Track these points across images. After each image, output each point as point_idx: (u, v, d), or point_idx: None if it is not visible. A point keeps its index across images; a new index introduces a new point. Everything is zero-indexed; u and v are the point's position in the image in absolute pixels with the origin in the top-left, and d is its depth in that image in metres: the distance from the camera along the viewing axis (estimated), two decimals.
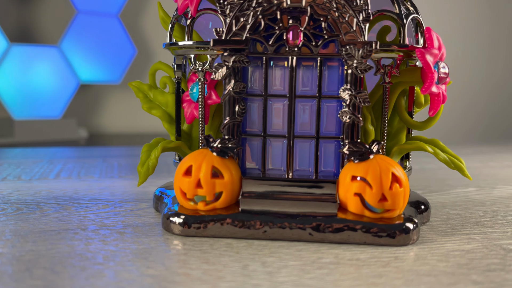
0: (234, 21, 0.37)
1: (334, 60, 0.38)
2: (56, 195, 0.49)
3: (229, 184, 0.37)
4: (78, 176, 0.59)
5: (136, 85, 0.47)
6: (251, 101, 0.39)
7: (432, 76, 0.37)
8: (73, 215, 0.42)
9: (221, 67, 0.37)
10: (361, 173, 0.36)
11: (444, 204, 0.49)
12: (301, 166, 0.40)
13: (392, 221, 0.36)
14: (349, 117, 0.37)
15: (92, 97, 1.42)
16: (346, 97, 0.37)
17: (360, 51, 0.36)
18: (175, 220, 0.37)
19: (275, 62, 0.39)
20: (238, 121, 0.38)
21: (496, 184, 0.60)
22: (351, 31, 0.36)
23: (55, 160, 0.71)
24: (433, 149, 0.40)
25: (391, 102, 0.41)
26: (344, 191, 0.37)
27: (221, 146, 0.38)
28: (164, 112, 0.45)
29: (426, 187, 0.57)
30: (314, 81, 0.38)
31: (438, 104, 0.39)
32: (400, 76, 0.40)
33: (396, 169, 0.36)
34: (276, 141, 0.39)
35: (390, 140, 0.43)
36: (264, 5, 0.37)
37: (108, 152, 0.82)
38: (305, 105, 0.39)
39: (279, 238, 0.36)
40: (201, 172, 0.36)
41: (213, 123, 0.44)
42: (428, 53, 0.37)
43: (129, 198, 0.48)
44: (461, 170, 0.40)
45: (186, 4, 0.39)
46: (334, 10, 0.36)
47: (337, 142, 0.39)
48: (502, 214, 0.45)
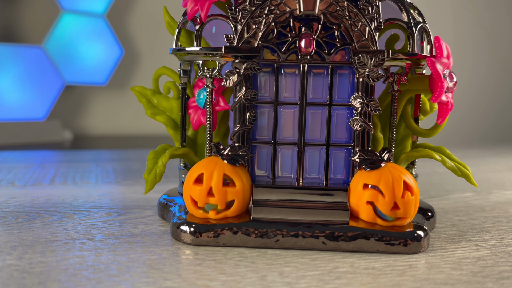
0: (246, 28, 0.37)
1: (345, 68, 0.38)
2: (55, 202, 0.48)
3: (240, 192, 0.36)
4: (74, 182, 0.58)
5: (139, 90, 0.46)
6: (261, 108, 0.39)
7: (442, 85, 0.38)
8: (77, 224, 0.41)
9: (232, 74, 0.37)
10: (373, 181, 0.36)
11: (446, 210, 0.49)
12: (311, 174, 0.40)
13: (404, 229, 0.36)
14: (360, 125, 0.37)
15: (77, 99, 1.39)
16: (357, 105, 0.37)
17: (372, 60, 0.36)
18: (186, 229, 0.36)
19: (286, 69, 0.38)
20: (249, 129, 0.38)
21: (491, 189, 0.61)
22: (363, 39, 0.36)
23: (47, 165, 0.69)
24: (440, 156, 0.40)
25: (399, 109, 0.41)
26: (355, 199, 0.37)
27: (231, 154, 0.37)
28: (168, 118, 0.45)
29: (425, 192, 0.57)
30: (325, 88, 0.38)
31: (447, 112, 0.39)
32: (408, 84, 0.40)
33: (407, 177, 0.36)
34: (286, 148, 0.39)
35: (396, 147, 0.43)
36: (276, 13, 0.36)
37: (100, 156, 0.80)
38: (315, 113, 0.39)
39: (292, 247, 0.36)
40: (213, 180, 0.36)
41: (219, 129, 0.43)
42: (438, 62, 0.38)
43: (131, 205, 0.47)
44: (468, 178, 0.40)
45: (196, 10, 0.38)
46: (346, 18, 0.36)
47: (347, 150, 0.39)
48: (504, 220, 0.46)
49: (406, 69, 0.40)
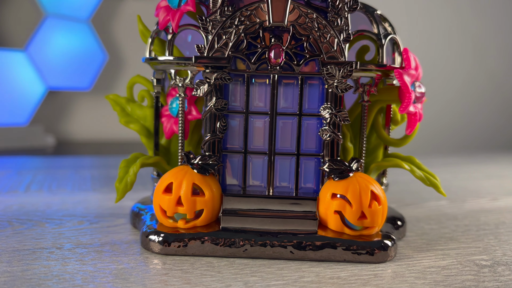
0: (217, 38, 0.37)
1: (315, 78, 0.39)
2: (27, 210, 0.48)
3: (210, 202, 0.37)
4: (50, 189, 0.58)
5: (113, 98, 0.46)
6: (232, 118, 0.39)
7: (410, 96, 0.38)
8: (48, 233, 0.40)
9: (203, 84, 0.37)
10: (341, 191, 0.36)
11: (418, 218, 0.50)
12: (282, 183, 0.40)
13: (371, 238, 0.36)
14: (329, 135, 0.38)
15: (60, 104, 1.38)
16: (327, 116, 0.38)
17: (340, 71, 0.37)
18: (155, 238, 0.36)
19: (257, 79, 0.39)
20: (219, 138, 0.38)
21: (466, 197, 0.61)
22: (332, 51, 0.37)
23: (24, 171, 0.69)
24: (409, 166, 0.41)
25: (369, 119, 0.42)
26: (324, 208, 0.37)
27: (201, 163, 0.38)
28: (142, 126, 0.45)
29: (400, 200, 0.58)
30: (295, 98, 0.39)
31: (415, 123, 0.40)
32: (378, 94, 0.41)
33: (375, 186, 0.37)
34: (257, 157, 0.39)
35: (367, 156, 0.44)
36: (246, 23, 0.37)
37: (79, 162, 0.80)
38: (286, 122, 0.39)
39: (260, 256, 0.36)
40: (182, 190, 0.36)
41: (192, 138, 0.43)
42: (406, 74, 0.38)
43: (104, 213, 0.47)
44: (436, 187, 0.41)
45: (167, 20, 0.39)
46: (315, 30, 0.37)
47: (317, 159, 0.39)
48: (474, 228, 0.47)
49: (376, 80, 0.41)
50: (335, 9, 0.37)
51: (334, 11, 0.37)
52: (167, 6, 0.39)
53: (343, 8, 0.37)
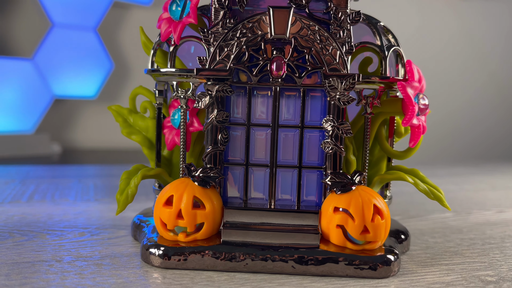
0: (218, 50, 0.37)
1: (317, 91, 0.38)
2: (29, 221, 0.47)
3: (210, 215, 0.36)
4: (52, 199, 0.58)
5: (115, 109, 0.46)
6: (233, 130, 0.39)
7: (413, 108, 0.38)
8: (48, 245, 0.40)
9: (204, 96, 0.37)
10: (343, 205, 0.36)
11: (423, 231, 0.49)
12: (284, 195, 0.39)
13: (374, 253, 0.36)
14: (331, 148, 0.37)
15: (66, 112, 1.39)
16: (329, 128, 0.37)
17: (343, 83, 0.36)
18: (155, 251, 0.36)
19: (259, 91, 0.38)
20: (221, 150, 0.38)
21: (471, 209, 0.61)
22: (334, 63, 0.37)
23: (28, 181, 0.69)
24: (413, 179, 0.40)
25: (373, 131, 0.42)
26: (326, 222, 0.37)
27: (202, 176, 0.37)
28: (144, 137, 0.45)
29: (405, 212, 0.57)
30: (297, 111, 0.39)
31: (419, 135, 0.40)
32: (382, 106, 0.41)
33: (377, 200, 0.36)
34: (258, 170, 0.39)
35: (371, 168, 0.44)
36: (248, 36, 0.37)
37: (83, 172, 0.80)
38: (287, 135, 0.39)
39: (261, 271, 0.35)
40: (182, 203, 0.36)
41: (194, 149, 0.43)
42: (409, 86, 0.38)
43: (105, 225, 0.47)
44: (440, 201, 0.40)
45: (169, 32, 0.39)
46: (317, 42, 0.36)
47: (319, 172, 0.39)
48: (479, 242, 0.46)
49: (379, 92, 0.41)
50: (337, 21, 0.37)
51: (336, 23, 0.37)
52: (169, 18, 0.39)
53: (345, 20, 0.37)
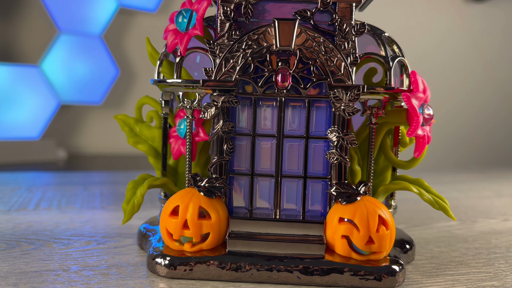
0: (224, 61, 0.37)
1: (322, 101, 0.39)
2: (36, 229, 0.48)
3: (216, 225, 0.36)
4: (59, 207, 0.58)
5: (122, 118, 0.46)
6: (239, 140, 0.39)
7: (418, 119, 0.38)
8: (55, 253, 0.40)
9: (210, 107, 0.37)
10: (348, 215, 0.36)
11: (427, 240, 0.49)
12: (289, 205, 0.40)
13: (379, 263, 0.36)
14: (336, 158, 0.37)
15: (72, 118, 1.40)
16: (334, 139, 0.37)
17: (347, 95, 0.37)
18: (161, 261, 0.36)
19: (264, 102, 0.39)
20: (226, 160, 0.38)
21: (477, 217, 0.61)
22: (339, 74, 0.37)
23: (34, 188, 0.69)
24: (418, 189, 0.41)
25: (377, 142, 0.42)
26: (331, 232, 0.37)
27: (208, 186, 0.38)
28: (150, 147, 0.45)
29: (409, 221, 0.57)
30: (302, 121, 0.39)
31: (423, 145, 0.40)
32: (386, 117, 0.41)
33: (382, 211, 0.37)
34: (263, 180, 0.39)
35: (376, 178, 0.44)
36: (254, 47, 0.37)
37: (89, 178, 0.80)
38: (292, 145, 0.39)
39: (266, 281, 0.36)
40: (188, 213, 0.36)
41: (200, 159, 0.43)
42: (413, 97, 0.38)
43: (112, 233, 0.47)
44: (445, 211, 0.40)
45: (175, 43, 0.39)
46: (322, 53, 0.37)
47: (324, 182, 0.39)
48: (485, 251, 0.46)
49: (383, 103, 0.41)
50: (342, 32, 0.37)
51: (341, 35, 0.37)
52: (175, 30, 0.39)
53: (350, 32, 0.37)
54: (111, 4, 1.33)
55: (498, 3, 1.66)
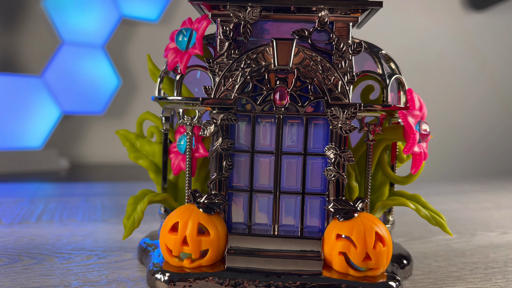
0: (223, 80, 0.38)
1: (320, 118, 0.39)
2: (38, 243, 0.48)
3: (215, 242, 0.37)
4: (61, 219, 0.59)
5: (123, 133, 0.47)
6: (238, 157, 0.40)
7: (414, 137, 0.39)
8: (56, 268, 0.41)
9: (209, 125, 0.38)
10: (346, 232, 0.36)
11: (426, 255, 0.49)
12: (287, 221, 0.40)
13: (376, 280, 0.36)
14: (333, 175, 0.38)
15: (74, 127, 1.41)
16: (331, 156, 0.38)
17: (345, 113, 0.37)
18: (161, 277, 0.37)
19: (262, 119, 0.39)
20: (225, 177, 0.39)
21: (476, 230, 0.61)
22: (336, 92, 0.37)
23: (36, 200, 0.70)
24: (415, 205, 0.41)
25: (375, 158, 0.42)
26: (329, 248, 0.37)
27: (207, 202, 0.38)
28: (151, 162, 0.46)
29: (408, 234, 0.58)
30: (300, 138, 0.39)
31: (420, 162, 0.40)
32: (384, 133, 0.41)
33: (379, 227, 0.37)
34: (262, 196, 0.40)
35: (373, 193, 0.44)
36: (252, 66, 0.38)
37: (91, 190, 0.81)
38: (291, 162, 0.40)
39: None
40: (188, 230, 0.37)
41: (200, 174, 0.44)
42: (410, 115, 0.39)
43: (112, 247, 0.48)
44: (442, 227, 0.41)
45: (176, 61, 0.40)
46: (320, 72, 0.37)
47: (322, 198, 0.40)
48: (482, 266, 0.46)
49: (380, 119, 0.41)
50: (339, 51, 0.38)
51: (338, 54, 0.38)
52: (176, 48, 0.40)
53: (347, 51, 0.38)
54: (114, 15, 1.34)
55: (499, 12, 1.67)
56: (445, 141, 1.59)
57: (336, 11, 0.38)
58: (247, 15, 0.38)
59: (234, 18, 0.38)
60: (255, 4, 0.37)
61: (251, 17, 0.38)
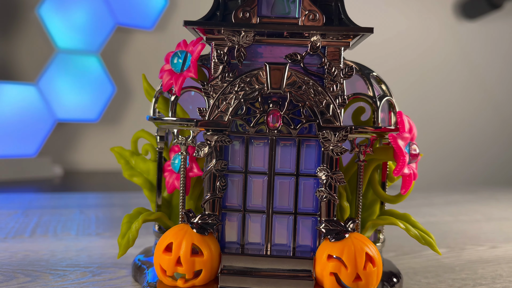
0: (217, 102, 0.39)
1: (312, 140, 0.40)
2: (32, 259, 0.49)
3: (208, 262, 0.38)
4: (55, 233, 0.59)
5: (118, 150, 0.47)
6: (231, 177, 0.40)
7: (404, 159, 0.40)
8: (51, 287, 0.41)
9: (204, 146, 0.39)
10: (337, 253, 0.37)
11: (416, 271, 0.50)
12: (280, 240, 0.41)
13: None
14: (325, 196, 0.39)
15: (68, 135, 1.41)
16: (323, 177, 0.39)
17: (336, 135, 0.38)
18: None
19: (256, 140, 0.40)
20: (219, 197, 0.39)
21: (465, 244, 0.62)
22: (328, 116, 0.38)
23: (30, 211, 0.70)
24: (404, 225, 0.42)
25: (366, 177, 0.43)
26: (320, 269, 0.38)
27: (201, 223, 0.39)
28: (145, 179, 0.46)
29: (399, 248, 0.59)
30: (293, 159, 0.40)
31: (410, 183, 0.41)
32: (374, 154, 0.42)
33: (369, 248, 0.38)
34: (255, 216, 0.41)
35: (365, 211, 0.45)
36: (246, 89, 0.38)
37: (85, 201, 0.81)
38: (283, 182, 0.40)
39: None
40: (181, 250, 0.37)
41: (194, 192, 0.45)
42: (399, 137, 0.40)
43: (107, 263, 0.48)
44: (431, 246, 0.41)
45: (170, 83, 0.40)
46: (312, 96, 0.38)
47: (314, 218, 0.40)
48: (471, 283, 0.47)
49: (371, 140, 0.42)
50: (331, 75, 0.39)
51: (330, 78, 0.39)
52: (171, 70, 0.41)
53: (338, 75, 0.39)
54: (108, 23, 1.35)
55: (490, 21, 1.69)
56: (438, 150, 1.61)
57: (328, 36, 0.38)
58: (241, 39, 0.38)
59: (228, 42, 0.39)
60: (249, 29, 0.38)
61: (245, 41, 0.38)
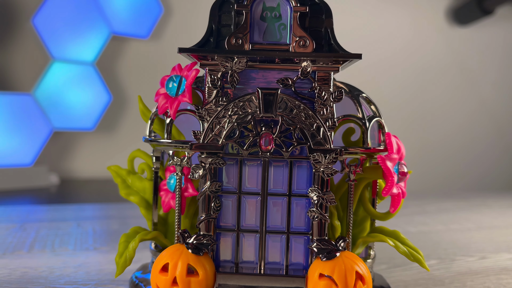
0: (212, 126, 0.40)
1: (303, 161, 0.41)
2: (31, 276, 0.50)
3: (203, 282, 0.39)
4: (53, 248, 0.60)
5: (114, 169, 0.48)
6: (226, 198, 0.42)
7: (392, 179, 0.41)
8: None
9: (198, 169, 0.40)
10: (328, 271, 0.38)
11: (406, 284, 0.51)
12: (273, 259, 0.42)
13: None
14: (316, 216, 0.40)
15: (64, 144, 1.42)
16: (314, 198, 0.40)
17: (326, 157, 0.39)
18: None
19: (249, 162, 0.41)
20: (213, 218, 0.41)
21: (455, 255, 0.63)
22: (318, 138, 0.40)
23: (28, 225, 0.71)
24: (394, 242, 0.43)
25: (356, 195, 0.44)
26: (312, 287, 0.39)
27: (196, 243, 0.40)
28: (141, 198, 0.47)
29: (391, 260, 0.60)
30: (285, 180, 0.41)
31: (399, 202, 0.42)
32: (364, 173, 0.43)
33: (359, 266, 0.39)
34: (249, 235, 0.42)
35: (355, 227, 0.46)
36: (239, 114, 0.40)
37: (82, 213, 0.82)
38: (276, 202, 0.42)
39: None
40: (177, 271, 0.38)
41: (189, 210, 0.46)
42: (388, 159, 0.41)
43: (104, 280, 0.49)
44: (420, 263, 0.43)
45: (166, 107, 0.42)
46: (303, 119, 0.39)
47: (306, 237, 0.42)
48: None
49: (361, 160, 0.44)
50: (321, 99, 0.40)
51: (320, 101, 0.40)
52: (166, 94, 0.42)
53: (328, 99, 0.40)
54: (103, 32, 1.36)
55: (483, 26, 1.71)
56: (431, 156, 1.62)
57: (318, 62, 0.40)
58: (234, 65, 0.40)
59: (222, 68, 0.40)
60: (242, 56, 0.39)
61: (238, 67, 0.40)
